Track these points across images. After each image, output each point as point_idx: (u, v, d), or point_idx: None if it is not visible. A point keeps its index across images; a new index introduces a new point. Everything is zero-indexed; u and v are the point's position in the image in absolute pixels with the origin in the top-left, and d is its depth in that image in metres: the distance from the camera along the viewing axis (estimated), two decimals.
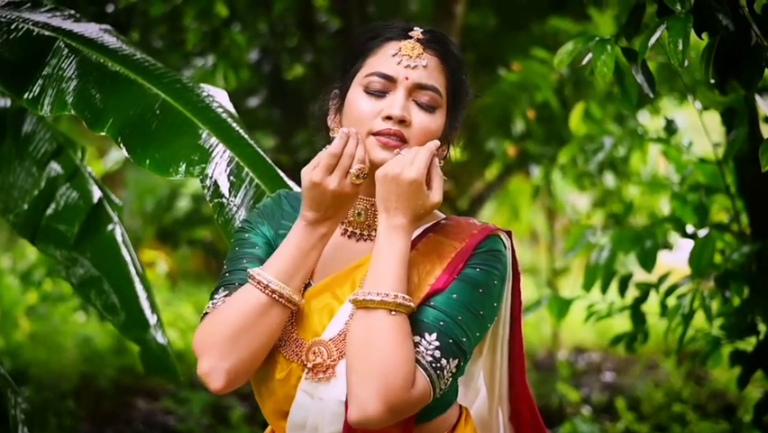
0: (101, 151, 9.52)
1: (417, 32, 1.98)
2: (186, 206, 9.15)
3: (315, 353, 1.91)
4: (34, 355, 7.35)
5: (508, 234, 2.00)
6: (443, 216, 2.04)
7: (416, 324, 1.86)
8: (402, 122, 1.93)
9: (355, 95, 1.96)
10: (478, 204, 7.06)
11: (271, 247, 1.98)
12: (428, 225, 1.99)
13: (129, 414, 6.39)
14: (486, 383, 2.11)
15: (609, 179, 5.97)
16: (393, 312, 1.82)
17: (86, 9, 4.30)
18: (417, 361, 1.83)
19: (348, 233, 2.00)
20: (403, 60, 1.95)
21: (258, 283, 1.89)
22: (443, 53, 1.99)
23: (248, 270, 1.91)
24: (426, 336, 1.84)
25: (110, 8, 4.55)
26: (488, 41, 6.42)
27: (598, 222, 6.64)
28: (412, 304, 1.84)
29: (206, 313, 1.93)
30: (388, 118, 1.93)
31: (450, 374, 1.86)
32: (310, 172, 1.89)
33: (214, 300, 1.94)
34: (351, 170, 1.89)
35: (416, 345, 1.84)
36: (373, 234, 1.98)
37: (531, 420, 2.13)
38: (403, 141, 1.93)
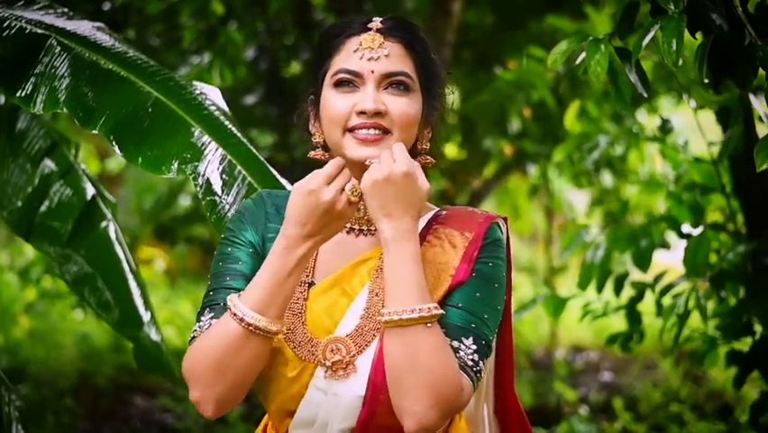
0: (101, 149, 9.52)
1: (376, 22, 1.96)
2: (186, 204, 9.15)
3: (332, 350, 1.90)
4: (33, 353, 7.35)
5: (505, 220, 2.02)
6: (436, 207, 2.04)
7: (450, 328, 1.86)
8: (378, 114, 1.92)
9: (327, 95, 1.95)
10: (476, 202, 7.06)
11: (258, 255, 1.96)
12: (428, 216, 1.99)
13: (127, 412, 6.40)
14: None
15: (607, 178, 5.97)
16: (429, 324, 1.82)
17: (83, 7, 4.29)
18: (461, 367, 1.84)
19: (347, 229, 1.99)
20: (365, 54, 1.93)
21: (234, 315, 1.86)
22: (405, 38, 1.97)
23: (228, 298, 1.89)
24: (464, 340, 1.86)
25: (106, 6, 4.54)
26: (485, 39, 6.41)
27: (597, 221, 6.64)
28: (442, 311, 1.85)
29: (194, 337, 1.91)
30: (363, 113, 1.92)
31: (483, 373, 1.88)
32: (307, 181, 1.86)
33: (201, 323, 1.91)
34: (346, 188, 1.87)
35: (457, 350, 1.85)
36: (373, 228, 1.97)
37: (516, 413, 2.14)
38: (385, 131, 1.92)
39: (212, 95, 2.64)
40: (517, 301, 5.38)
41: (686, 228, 3.49)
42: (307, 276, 1.96)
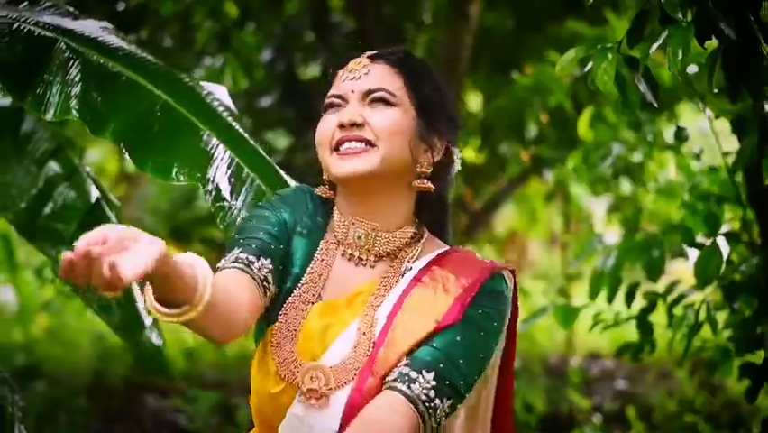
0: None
1: (371, 52, 1.97)
2: (204, 204, 9.15)
3: (312, 378, 1.86)
4: (49, 351, 7.39)
5: (513, 272, 1.96)
6: (446, 246, 1.99)
7: (416, 360, 1.83)
8: (355, 125, 1.89)
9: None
10: (493, 207, 7.04)
11: (287, 233, 1.94)
12: (433, 255, 1.95)
13: (138, 412, 6.42)
14: (466, 409, 2.05)
15: (626, 185, 5.92)
16: None
17: (98, 8, 4.30)
18: (410, 396, 1.80)
19: (347, 255, 1.95)
20: (348, 76, 1.93)
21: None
22: (393, 60, 1.95)
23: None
24: (425, 373, 1.82)
25: (120, 6, 4.55)
26: (504, 43, 6.38)
27: (615, 228, 6.59)
28: None
29: (218, 268, 1.88)
30: (342, 126, 1.90)
31: (444, 413, 1.83)
32: None
33: (228, 256, 1.89)
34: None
35: (414, 381, 1.81)
36: (372, 258, 1.94)
37: None
38: (368, 143, 1.89)
39: (219, 93, 2.63)
40: (530, 309, 5.34)
41: (700, 238, 3.45)
42: (314, 295, 1.94)
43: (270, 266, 1.89)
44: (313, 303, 1.93)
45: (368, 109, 1.91)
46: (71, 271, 1.49)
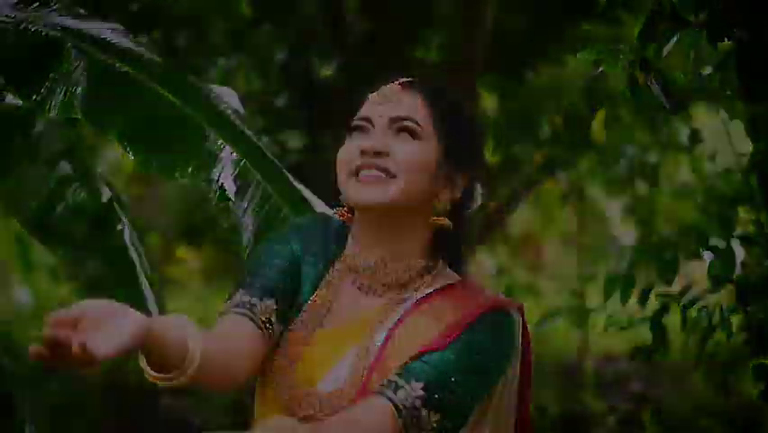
0: None
1: (405, 79, 1.95)
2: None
3: (307, 404, 1.85)
4: None
5: (520, 308, 1.92)
6: (457, 278, 1.96)
7: (408, 371, 1.80)
8: (379, 154, 1.86)
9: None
10: (508, 208, 7.02)
11: (297, 264, 1.93)
12: (438, 286, 1.92)
13: (152, 410, 6.44)
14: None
15: (641, 186, 5.90)
16: None
17: (111, 8, 4.31)
18: (394, 402, 1.77)
19: (357, 283, 1.93)
20: (378, 101, 1.91)
21: None
22: (424, 90, 1.92)
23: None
24: (413, 382, 1.79)
25: (134, 7, 4.57)
26: (518, 43, 6.36)
27: (631, 229, 6.57)
28: None
29: (222, 313, 1.87)
30: (364, 152, 1.87)
31: (430, 427, 1.80)
32: None
33: (232, 299, 1.87)
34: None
35: (401, 387, 1.78)
36: (381, 288, 1.91)
37: None
38: (388, 174, 1.86)
39: (227, 97, 2.63)
40: (544, 310, 5.34)
41: (714, 241, 3.43)
42: (316, 321, 1.91)
43: (275, 306, 1.87)
44: (315, 330, 1.91)
45: (393, 138, 1.88)
46: (43, 358, 1.46)
